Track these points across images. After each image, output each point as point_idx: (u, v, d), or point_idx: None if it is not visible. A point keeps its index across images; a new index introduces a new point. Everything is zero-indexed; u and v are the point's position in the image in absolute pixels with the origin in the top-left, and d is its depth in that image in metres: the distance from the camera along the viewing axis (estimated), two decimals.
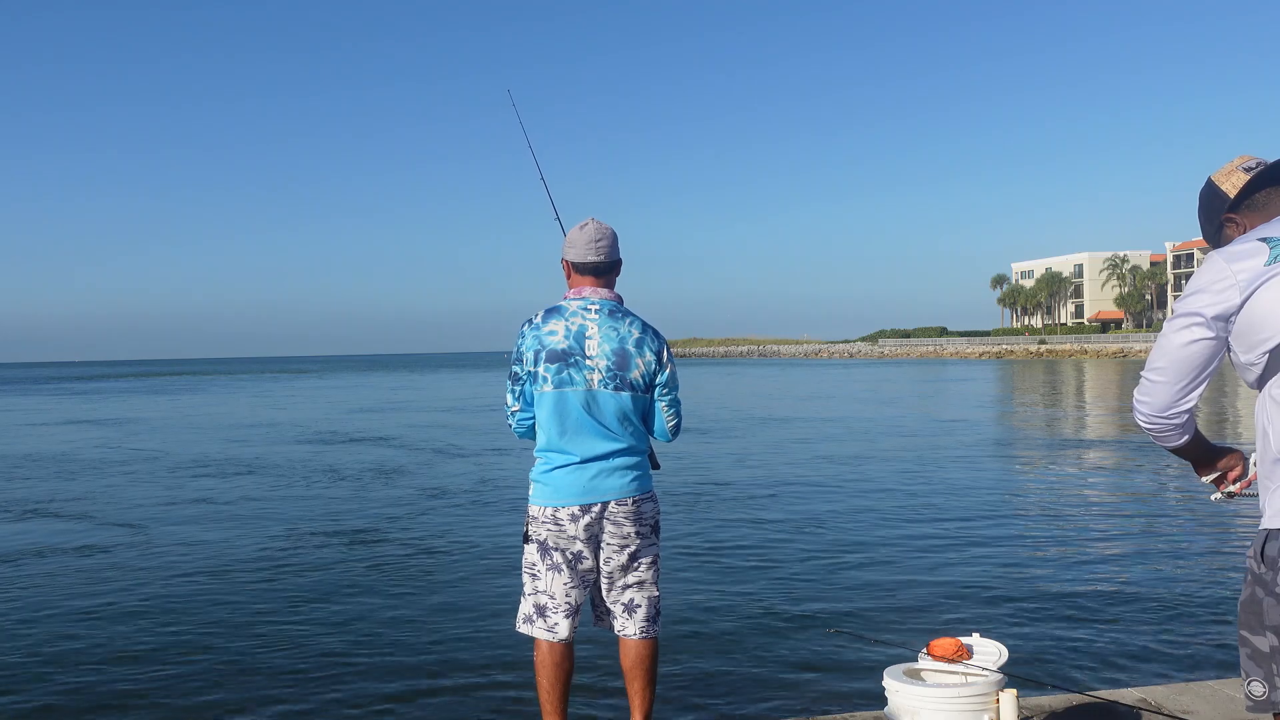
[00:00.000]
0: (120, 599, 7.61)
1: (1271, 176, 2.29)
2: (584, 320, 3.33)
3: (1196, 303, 2.13)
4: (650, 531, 3.42)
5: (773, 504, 11.97)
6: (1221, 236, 2.35)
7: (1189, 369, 2.17)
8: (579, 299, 3.37)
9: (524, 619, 3.41)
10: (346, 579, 8.19)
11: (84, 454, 19.99)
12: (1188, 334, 2.14)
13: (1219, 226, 2.36)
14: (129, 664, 5.99)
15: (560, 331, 3.30)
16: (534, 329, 3.35)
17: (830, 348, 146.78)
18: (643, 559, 3.41)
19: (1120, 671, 5.56)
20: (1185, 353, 2.15)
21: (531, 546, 3.38)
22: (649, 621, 3.42)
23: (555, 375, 3.28)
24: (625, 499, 3.34)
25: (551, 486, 3.32)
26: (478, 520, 11.09)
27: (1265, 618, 2.07)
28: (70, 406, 41.86)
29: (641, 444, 3.41)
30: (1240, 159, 2.36)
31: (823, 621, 6.58)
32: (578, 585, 3.36)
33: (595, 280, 3.41)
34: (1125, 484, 13.68)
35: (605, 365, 3.30)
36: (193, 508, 12.40)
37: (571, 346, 3.29)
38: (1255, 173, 2.29)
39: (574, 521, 3.29)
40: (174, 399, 47.35)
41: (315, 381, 71.09)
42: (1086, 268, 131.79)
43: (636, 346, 3.35)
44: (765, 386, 49.12)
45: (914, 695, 3.24)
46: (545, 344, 3.30)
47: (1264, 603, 2.08)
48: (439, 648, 6.22)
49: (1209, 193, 2.38)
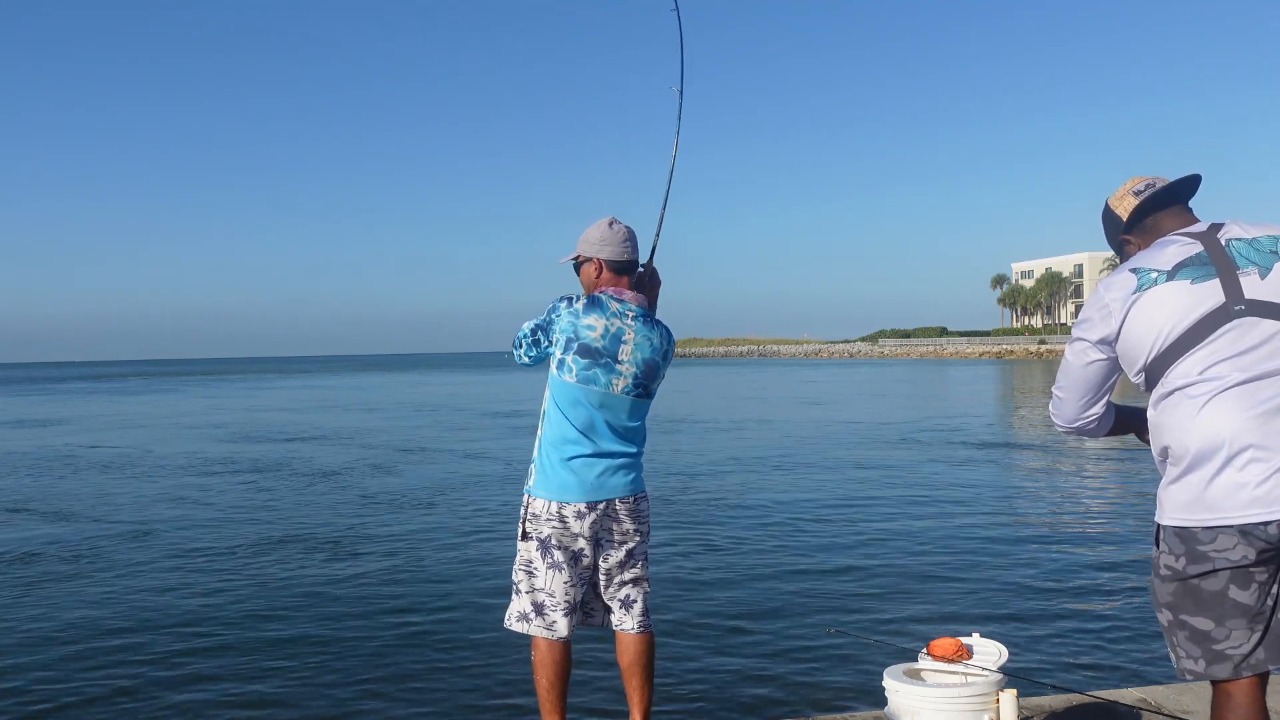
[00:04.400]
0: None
1: (1158, 201, 2.51)
2: (622, 324, 3.31)
3: (1083, 329, 2.44)
4: (647, 529, 3.47)
5: (772, 503, 11.95)
6: (1124, 254, 2.58)
7: (1088, 387, 2.50)
8: (619, 300, 3.35)
9: (519, 617, 3.38)
10: (307, 583, 8.19)
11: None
12: (1083, 356, 2.46)
13: (1120, 245, 2.60)
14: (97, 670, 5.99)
15: (599, 329, 3.28)
16: (573, 313, 3.30)
17: (830, 348, 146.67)
18: (639, 555, 3.45)
19: (1120, 671, 5.56)
20: (1083, 373, 2.48)
21: (530, 544, 3.36)
22: (646, 615, 3.46)
23: (582, 370, 3.27)
24: (628, 497, 3.37)
25: (560, 480, 3.30)
26: (436, 520, 11.08)
27: (1157, 597, 2.40)
28: (21, 407, 41.72)
29: (643, 443, 3.45)
30: (1132, 182, 2.57)
31: (823, 621, 6.57)
32: (576, 584, 3.36)
33: (626, 280, 3.42)
34: (1125, 483, 13.67)
35: (634, 373, 3.32)
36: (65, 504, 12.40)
37: (606, 347, 3.27)
38: (1143, 197, 2.51)
39: (579, 519, 3.29)
40: (137, 399, 47.29)
41: (307, 381, 71.05)
42: (1086, 268, 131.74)
43: (664, 358, 3.41)
44: (765, 386, 49.07)
45: (914, 695, 3.24)
46: (581, 335, 3.27)
47: (1150, 583, 2.44)
48: (431, 645, 6.23)
49: (1106, 216, 2.62)
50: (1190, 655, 2.33)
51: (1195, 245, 2.35)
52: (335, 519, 11.31)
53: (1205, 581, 2.27)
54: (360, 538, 10.08)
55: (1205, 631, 2.29)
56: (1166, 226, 2.48)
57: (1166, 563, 2.34)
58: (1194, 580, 2.29)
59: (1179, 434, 2.27)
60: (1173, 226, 2.47)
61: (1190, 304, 2.28)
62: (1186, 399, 2.26)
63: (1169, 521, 2.32)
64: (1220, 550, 2.23)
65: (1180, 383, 2.28)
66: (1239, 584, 2.25)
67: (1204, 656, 2.31)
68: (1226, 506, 2.21)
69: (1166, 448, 2.33)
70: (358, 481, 14.80)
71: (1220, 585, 2.26)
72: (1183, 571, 2.30)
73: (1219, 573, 2.25)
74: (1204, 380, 2.24)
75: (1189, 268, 2.32)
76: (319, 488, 14.18)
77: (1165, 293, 2.30)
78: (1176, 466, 2.30)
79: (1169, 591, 2.35)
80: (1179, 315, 2.28)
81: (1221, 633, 2.28)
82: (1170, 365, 2.29)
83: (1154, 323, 2.30)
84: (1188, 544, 2.27)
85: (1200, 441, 2.23)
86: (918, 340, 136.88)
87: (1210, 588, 2.27)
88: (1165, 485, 2.36)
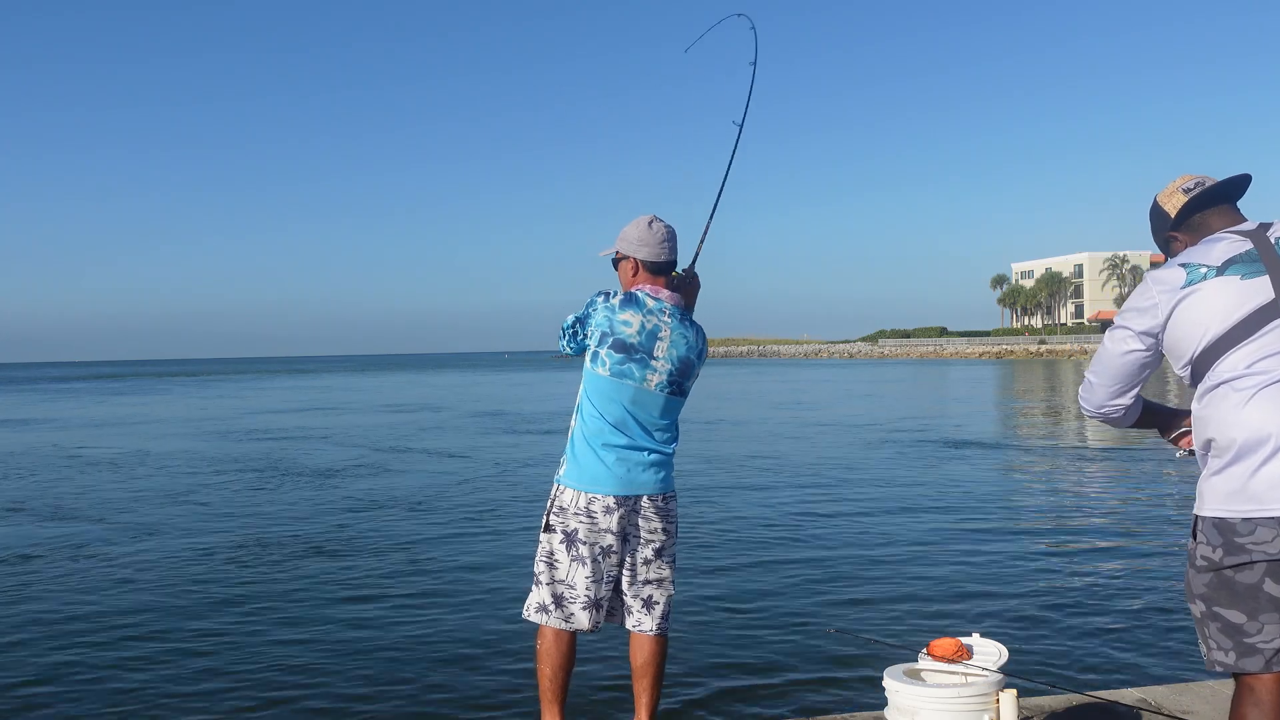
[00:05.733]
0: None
1: (1207, 199, 2.54)
2: (659, 321, 3.32)
3: (1127, 319, 2.48)
4: (675, 529, 3.45)
5: (771, 504, 11.95)
6: (1170, 251, 2.62)
7: (1122, 375, 2.54)
8: (656, 299, 3.35)
9: (538, 608, 3.36)
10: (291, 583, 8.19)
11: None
12: (1123, 345, 2.50)
13: (1166, 242, 2.64)
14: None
15: (635, 325, 3.28)
16: (609, 308, 3.31)
17: (830, 348, 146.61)
18: (666, 556, 3.42)
19: (1120, 671, 5.56)
20: (1120, 362, 2.52)
21: (554, 536, 3.33)
22: (665, 619, 3.44)
23: (616, 365, 3.27)
24: (657, 495, 3.36)
25: (591, 472, 3.29)
26: (427, 520, 11.08)
27: (1191, 588, 2.44)
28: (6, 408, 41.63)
29: (675, 442, 3.44)
30: (1181, 179, 2.61)
31: (823, 621, 6.57)
32: (599, 579, 3.32)
33: (665, 280, 3.41)
34: (1126, 483, 13.67)
35: (669, 369, 3.32)
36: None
37: (642, 343, 3.28)
38: (1192, 195, 2.55)
39: (608, 514, 3.27)
40: (126, 399, 47.28)
41: (307, 381, 71.02)
42: (1086, 268, 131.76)
43: (699, 357, 3.42)
44: (764, 387, 49.05)
45: (914, 695, 3.24)
46: (616, 330, 3.27)
47: (1186, 574, 2.46)
48: (429, 639, 6.23)
49: (1154, 212, 2.66)
50: (1221, 647, 2.36)
51: (1245, 243, 2.39)
52: (326, 518, 11.31)
53: (1240, 574, 2.30)
54: (352, 536, 10.08)
55: (1238, 624, 2.32)
56: (1214, 225, 2.51)
57: (1203, 554, 2.37)
58: (1229, 572, 2.32)
59: (1224, 426, 2.31)
60: (1220, 225, 2.50)
61: (1239, 299, 2.32)
62: (1233, 391, 2.30)
63: (1208, 513, 2.35)
64: (1258, 543, 2.26)
65: (1227, 376, 2.31)
66: (1274, 578, 2.28)
67: (1235, 649, 2.33)
68: (1270, 498, 2.24)
69: (1210, 440, 2.36)
70: (352, 481, 14.80)
71: (1255, 578, 2.29)
72: (1219, 563, 2.33)
73: (1255, 565, 2.28)
74: (1251, 374, 2.28)
75: (1239, 264, 2.36)
76: (309, 487, 14.18)
77: (1215, 288, 2.34)
78: (1220, 458, 2.34)
79: (1204, 583, 2.38)
80: (1228, 310, 2.32)
81: (1254, 626, 2.31)
82: (1217, 359, 2.33)
83: (1202, 317, 2.34)
84: (1225, 535, 2.31)
85: (1246, 433, 2.27)
86: (918, 340, 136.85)
87: (1245, 580, 2.30)
88: (1207, 477, 2.39)
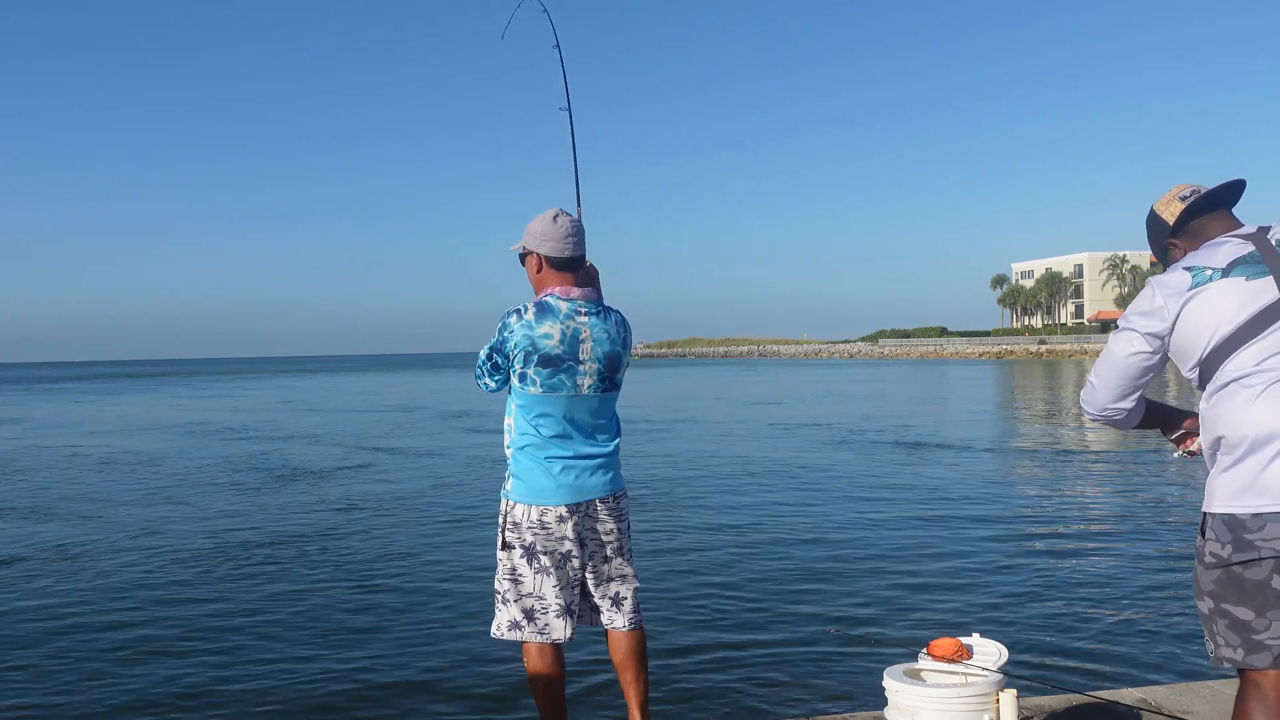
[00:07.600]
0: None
1: (1204, 205, 2.59)
2: (577, 323, 3.23)
3: (1134, 321, 2.51)
4: (628, 526, 3.46)
5: (771, 504, 11.95)
6: (1169, 258, 2.65)
7: (1125, 378, 2.56)
8: (568, 300, 3.25)
9: (510, 625, 3.33)
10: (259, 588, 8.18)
11: None
12: (1129, 347, 2.52)
13: (1164, 249, 2.68)
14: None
15: (555, 335, 3.19)
16: (525, 325, 3.20)
17: (830, 348, 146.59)
18: (625, 553, 3.44)
19: (1120, 671, 5.55)
20: (1124, 364, 2.54)
21: (513, 552, 3.31)
22: (636, 611, 3.45)
23: (547, 380, 3.20)
24: (608, 496, 3.36)
25: (537, 486, 3.26)
26: (408, 528, 11.08)
27: (1199, 585, 2.46)
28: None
29: (617, 438, 3.42)
30: (1178, 188, 2.64)
31: (822, 621, 6.57)
32: (567, 585, 3.32)
33: (573, 277, 3.30)
34: (1125, 484, 13.66)
35: (598, 369, 3.27)
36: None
37: (565, 351, 3.20)
38: (1189, 202, 2.59)
39: (561, 523, 3.26)
40: (117, 399, 47.24)
41: (312, 380, 71.01)
42: (1086, 268, 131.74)
43: (624, 346, 3.36)
44: (764, 386, 49.06)
45: (914, 695, 3.24)
46: (539, 346, 3.19)
47: (1194, 571, 2.48)
48: (430, 639, 6.22)
49: (1152, 221, 2.69)
50: (1229, 644, 2.38)
51: (1247, 245, 2.44)
52: (316, 518, 11.31)
53: (1249, 570, 2.33)
54: (344, 536, 10.08)
55: (1245, 621, 2.35)
56: (1212, 230, 2.55)
57: (1212, 550, 2.39)
58: (1238, 568, 2.34)
59: (1235, 423, 2.34)
60: (1218, 230, 2.55)
61: (1246, 300, 2.37)
62: (1243, 389, 2.34)
63: (1218, 509, 2.38)
64: (1267, 539, 2.29)
65: (1236, 374, 2.35)
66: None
67: (1243, 646, 2.36)
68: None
69: (1220, 438, 2.39)
70: (350, 481, 14.80)
71: (1264, 575, 2.32)
72: (1228, 559, 2.35)
73: (1263, 561, 2.31)
74: (1260, 371, 2.32)
75: (1243, 266, 2.40)
76: (296, 488, 14.18)
77: (1221, 289, 2.39)
78: (1230, 455, 2.36)
79: (1212, 579, 2.40)
80: (1234, 311, 2.36)
81: (1262, 623, 2.33)
82: (1226, 358, 2.37)
83: (1211, 318, 2.38)
84: (1234, 532, 2.33)
85: (1256, 429, 2.30)
86: (918, 340, 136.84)
87: (1253, 577, 2.33)
88: (1216, 474, 2.41)
